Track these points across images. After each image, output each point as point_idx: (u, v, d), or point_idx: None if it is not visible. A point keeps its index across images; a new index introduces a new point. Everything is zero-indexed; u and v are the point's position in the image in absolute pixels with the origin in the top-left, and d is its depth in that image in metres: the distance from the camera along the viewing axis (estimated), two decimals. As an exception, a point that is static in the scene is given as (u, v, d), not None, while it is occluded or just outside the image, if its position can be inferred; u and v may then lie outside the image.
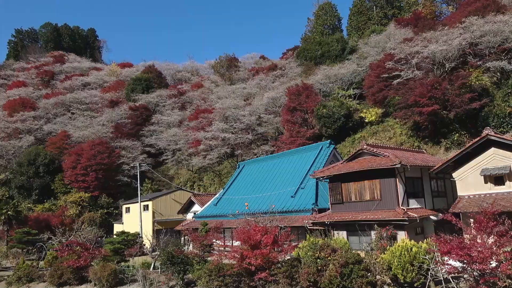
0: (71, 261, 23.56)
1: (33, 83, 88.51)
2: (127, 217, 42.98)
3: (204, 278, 18.64)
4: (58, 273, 23.60)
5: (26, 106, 68.88)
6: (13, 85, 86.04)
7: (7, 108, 69.20)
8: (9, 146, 58.40)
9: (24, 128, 63.19)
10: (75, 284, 23.36)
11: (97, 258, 24.83)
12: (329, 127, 41.19)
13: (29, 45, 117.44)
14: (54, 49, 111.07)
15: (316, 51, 62.88)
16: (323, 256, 16.17)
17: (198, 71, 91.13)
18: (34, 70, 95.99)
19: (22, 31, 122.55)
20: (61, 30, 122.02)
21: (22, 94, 77.34)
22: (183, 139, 54.38)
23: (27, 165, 51.89)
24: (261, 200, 28.03)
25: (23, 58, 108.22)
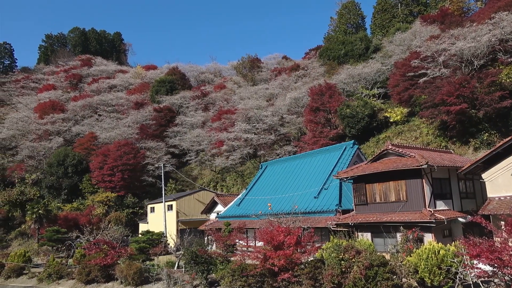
0: (98, 259, 24.08)
1: (62, 86, 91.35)
2: (152, 217, 43.71)
3: (228, 278, 18.73)
4: (86, 271, 24.20)
5: (55, 109, 71.09)
6: (43, 88, 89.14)
7: (38, 111, 71.61)
8: (40, 147, 60.38)
9: (53, 129, 65.21)
10: (102, 282, 23.86)
11: (123, 257, 25.30)
12: (353, 127, 40.67)
13: (58, 50, 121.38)
14: (82, 53, 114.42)
15: (339, 50, 62.24)
16: (347, 257, 15.95)
17: (221, 72, 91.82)
18: (63, 74, 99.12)
19: (52, 36, 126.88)
20: (89, 34, 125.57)
21: (52, 97, 79.98)
22: (206, 139, 54.88)
23: (56, 165, 53.48)
24: (284, 200, 27.94)
25: (53, 62, 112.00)
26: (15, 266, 29.60)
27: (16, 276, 29.11)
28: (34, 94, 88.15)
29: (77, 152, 56.62)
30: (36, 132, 65.18)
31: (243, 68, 78.54)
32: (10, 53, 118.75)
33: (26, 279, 28.22)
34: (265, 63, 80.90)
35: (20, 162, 60.23)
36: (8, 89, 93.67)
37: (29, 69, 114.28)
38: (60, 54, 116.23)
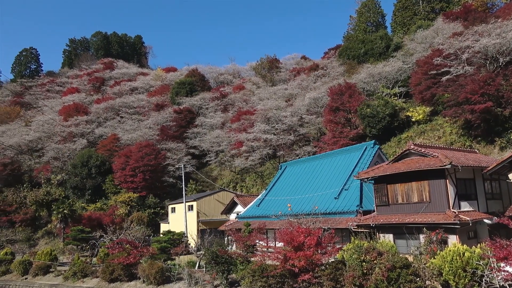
0: (121, 258, 24.52)
1: (85, 89, 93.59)
2: (172, 217, 44.26)
3: (248, 279, 18.78)
4: (110, 269, 24.68)
5: (79, 111, 72.90)
6: (67, 91, 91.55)
7: (62, 113, 73.56)
8: (65, 148, 62.01)
9: (77, 131, 66.87)
10: (125, 281, 24.29)
11: (145, 256, 25.70)
12: (374, 127, 40.14)
13: (81, 54, 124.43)
14: (104, 56, 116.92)
15: (359, 49, 61.54)
16: (369, 259, 15.77)
17: (240, 73, 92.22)
18: (86, 77, 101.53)
19: (75, 40, 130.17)
20: (110, 38, 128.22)
21: (75, 100, 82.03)
22: (225, 140, 55.20)
23: (80, 166, 54.77)
24: (304, 201, 27.83)
25: (76, 66, 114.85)
26: (42, 264, 30.49)
27: (43, 274, 29.98)
28: (58, 97, 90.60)
29: (100, 154, 57.82)
30: (61, 134, 66.93)
31: (262, 69, 78.62)
32: (36, 58, 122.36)
33: (53, 277, 29.02)
34: (283, 64, 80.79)
35: (46, 163, 62.05)
36: (34, 93, 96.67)
37: (54, 73, 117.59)
38: (83, 58, 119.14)
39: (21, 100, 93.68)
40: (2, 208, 55.01)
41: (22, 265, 31.11)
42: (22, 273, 30.90)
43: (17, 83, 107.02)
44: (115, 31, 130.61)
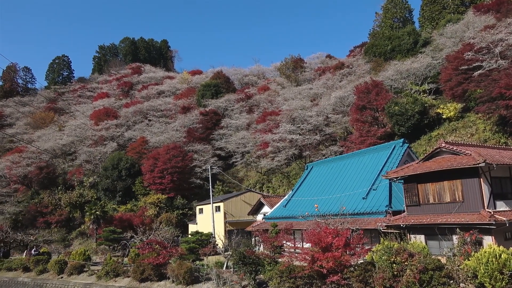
0: (151, 259, 24.96)
1: (115, 94, 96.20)
2: (200, 218, 44.77)
3: (276, 279, 18.72)
4: (140, 269, 25.18)
5: (109, 115, 74.94)
6: (98, 96, 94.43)
7: (93, 118, 75.87)
8: (96, 152, 63.90)
9: (108, 135, 68.72)
10: (155, 280, 24.70)
11: (174, 256, 26.06)
12: (402, 125, 39.23)
13: (110, 59, 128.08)
14: (132, 61, 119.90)
15: (385, 46, 60.35)
16: (399, 260, 15.38)
17: (264, 74, 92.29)
18: (115, 82, 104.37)
19: (104, 47, 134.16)
20: (138, 43, 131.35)
21: (105, 104, 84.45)
22: (251, 141, 55.33)
23: (111, 169, 56.23)
24: (331, 201, 27.51)
25: (106, 72, 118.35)
26: (76, 264, 31.50)
27: (77, 273, 30.96)
28: (89, 102, 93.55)
29: (129, 156, 59.17)
30: (92, 138, 69.00)
31: (286, 69, 78.36)
32: (68, 65, 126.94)
33: (86, 276, 29.92)
34: (308, 63, 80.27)
35: (79, 166, 64.17)
36: (67, 99, 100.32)
37: (85, 79, 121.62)
38: (112, 63, 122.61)
39: (55, 106, 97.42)
40: (39, 209, 57.39)
41: (58, 264, 32.24)
42: (58, 272, 32.01)
43: (50, 89, 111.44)
44: (142, 37, 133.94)
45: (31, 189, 63.47)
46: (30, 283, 32.86)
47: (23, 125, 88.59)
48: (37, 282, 32.33)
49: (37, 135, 77.99)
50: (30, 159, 64.56)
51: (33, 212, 57.18)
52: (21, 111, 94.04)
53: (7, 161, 64.77)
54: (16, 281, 34.27)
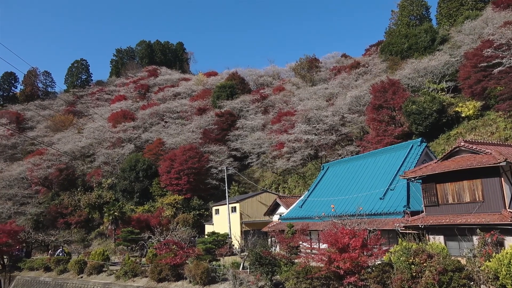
0: (169, 259, 25.23)
1: (132, 96, 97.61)
2: (216, 218, 44.98)
3: (292, 280, 18.68)
4: (158, 269, 25.48)
5: (126, 118, 76.05)
6: (115, 99, 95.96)
7: (111, 120, 77.13)
8: (114, 153, 64.89)
9: (125, 137, 69.73)
10: (173, 280, 24.96)
11: (191, 257, 26.24)
12: (420, 124, 38.62)
13: (127, 62, 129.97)
14: (148, 64, 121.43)
15: (402, 44, 59.53)
16: (418, 262, 15.14)
17: (279, 74, 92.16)
18: (132, 85, 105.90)
19: (121, 50, 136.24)
20: (154, 46, 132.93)
21: (123, 107, 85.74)
22: (266, 142, 55.32)
23: (128, 170, 57.01)
24: (347, 202, 27.28)
25: (123, 74, 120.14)
26: (95, 264, 32.09)
27: (96, 273, 31.53)
28: (107, 105, 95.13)
29: (146, 158, 59.89)
30: (110, 140, 70.12)
31: (301, 69, 78.08)
32: (86, 69, 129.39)
33: (105, 276, 30.45)
34: (323, 63, 79.79)
35: (97, 168, 65.30)
36: (85, 102, 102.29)
37: (103, 82, 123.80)
38: (129, 66, 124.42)
39: (74, 109, 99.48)
40: (59, 210, 58.68)
41: (77, 264, 32.90)
42: (78, 272, 32.67)
43: (69, 93, 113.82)
44: (158, 39, 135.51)
45: (51, 191, 64.91)
46: (51, 282, 33.63)
47: (43, 128, 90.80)
48: (57, 282, 33.07)
49: (57, 137, 79.78)
50: (50, 161, 66.03)
51: (54, 213, 58.50)
52: (42, 114, 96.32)
53: (29, 164, 66.42)
54: (38, 280, 35.13)
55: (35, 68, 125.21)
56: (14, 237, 39.39)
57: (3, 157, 79.25)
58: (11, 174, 66.79)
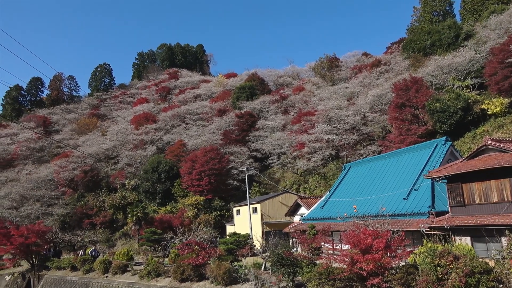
0: (191, 259, 25.43)
1: (153, 99, 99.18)
2: (237, 219, 45.13)
3: (314, 281, 18.54)
4: (180, 270, 25.73)
5: (148, 120, 77.33)
6: (137, 102, 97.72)
7: (134, 123, 78.57)
8: (137, 155, 66.09)
9: (147, 139, 70.92)
10: (195, 281, 25.16)
11: (213, 257, 26.40)
12: (444, 123, 37.70)
13: (148, 66, 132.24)
14: (169, 67, 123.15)
15: (425, 41, 58.32)
16: (444, 263, 14.77)
17: (299, 74, 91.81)
18: (153, 87, 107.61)
19: (143, 53, 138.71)
20: (174, 49, 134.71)
21: (145, 109, 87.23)
22: (287, 142, 55.15)
23: (151, 172, 57.89)
24: (370, 202, 26.88)
25: (145, 78, 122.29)
26: (120, 263, 32.72)
27: (121, 273, 32.13)
28: (130, 108, 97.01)
29: (168, 159, 60.66)
30: (133, 142, 71.43)
31: (321, 69, 77.55)
32: (109, 73, 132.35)
33: (130, 276, 31.00)
34: (344, 62, 79.04)
35: (121, 169, 66.62)
36: (108, 105, 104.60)
37: (125, 85, 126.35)
38: (150, 69, 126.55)
39: (98, 112, 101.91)
40: (85, 211, 60.19)
41: (103, 264, 33.62)
42: (103, 271, 33.38)
43: (93, 96, 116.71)
44: (178, 42, 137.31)
45: (77, 192, 66.62)
46: (78, 281, 34.49)
47: (69, 131, 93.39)
48: (84, 281, 33.89)
49: (81, 140, 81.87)
50: (76, 164, 67.80)
51: (79, 214, 60.05)
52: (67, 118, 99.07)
53: (55, 166, 68.39)
54: (65, 279, 36.10)
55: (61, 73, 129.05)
56: (42, 237, 40.59)
57: (31, 159, 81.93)
58: (39, 176, 68.94)
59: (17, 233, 37.76)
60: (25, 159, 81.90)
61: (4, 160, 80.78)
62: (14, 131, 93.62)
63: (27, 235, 38.03)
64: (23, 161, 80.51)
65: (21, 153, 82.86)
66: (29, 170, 73.23)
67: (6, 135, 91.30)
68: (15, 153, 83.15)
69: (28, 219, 59.24)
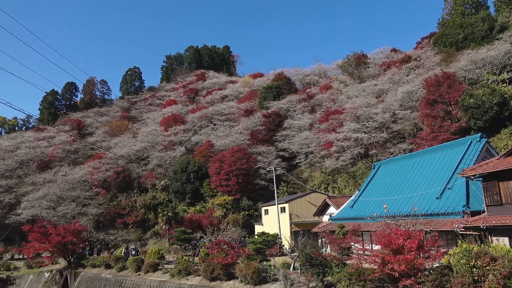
0: (220, 258, 25.67)
1: (182, 101, 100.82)
2: (266, 219, 45.17)
3: (344, 282, 18.30)
4: (210, 269, 26.01)
5: (177, 121, 78.66)
6: (166, 104, 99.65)
7: (163, 124, 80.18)
8: (166, 156, 67.42)
9: (176, 140, 72.15)
10: (225, 280, 25.36)
11: (242, 257, 26.51)
12: (479, 119, 36.31)
13: (176, 68, 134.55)
14: (196, 69, 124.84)
15: (457, 35, 56.40)
16: (480, 265, 14.21)
17: (326, 73, 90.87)
18: (181, 89, 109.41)
19: (171, 56, 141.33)
20: (201, 51, 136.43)
21: (173, 111, 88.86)
22: (314, 141, 54.72)
23: (180, 172, 58.87)
24: (401, 202, 26.25)
25: (173, 80, 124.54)
26: (151, 262, 33.45)
27: (153, 271, 32.84)
28: (159, 110, 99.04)
29: (197, 160, 61.50)
30: (163, 143, 72.90)
31: (348, 66, 76.43)
32: (139, 76, 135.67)
33: (161, 274, 31.63)
34: (372, 58, 77.58)
35: (151, 170, 68.15)
36: (139, 107, 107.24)
37: (154, 88, 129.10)
38: (178, 71, 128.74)
39: (129, 114, 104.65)
40: (117, 211, 61.97)
41: (135, 262, 34.49)
42: (136, 269, 34.24)
43: (124, 99, 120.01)
44: (205, 44, 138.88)
45: (110, 192, 68.68)
46: (112, 279, 35.54)
47: (101, 133, 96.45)
48: (117, 279, 34.88)
49: (114, 142, 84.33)
50: (108, 165, 69.94)
51: (112, 214, 61.88)
52: (100, 120, 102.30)
53: (89, 167, 70.80)
54: (100, 277, 37.29)
55: (93, 78, 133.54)
56: (78, 236, 42.08)
57: (67, 161, 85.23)
58: (74, 177, 71.57)
59: (54, 232, 39.30)
60: (61, 161, 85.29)
61: (42, 162, 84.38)
62: (51, 134, 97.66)
63: (64, 234, 39.51)
64: (59, 163, 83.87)
65: (57, 155, 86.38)
66: (65, 172, 76.14)
67: (44, 138, 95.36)
68: (52, 155, 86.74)
69: (65, 219, 61.62)
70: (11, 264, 51.60)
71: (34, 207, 65.56)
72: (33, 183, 75.56)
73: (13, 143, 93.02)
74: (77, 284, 39.91)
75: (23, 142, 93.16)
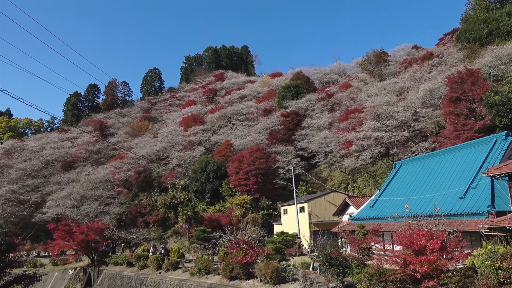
0: (239, 258, 25.76)
1: (201, 101, 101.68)
2: (285, 218, 45.07)
3: (365, 282, 18.08)
4: (229, 268, 26.15)
5: (196, 121, 79.39)
6: (185, 104, 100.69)
7: (182, 124, 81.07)
8: (186, 156, 68.13)
9: (196, 140, 72.82)
10: (244, 279, 25.44)
11: (261, 256, 26.52)
12: (505, 116, 35.22)
13: (195, 69, 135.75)
14: (215, 69, 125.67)
15: (480, 31, 54.90)
16: (506, 267, 13.80)
17: (345, 71, 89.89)
18: (201, 90, 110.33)
19: (190, 57, 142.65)
20: (220, 51, 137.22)
21: (193, 111, 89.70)
22: (334, 141, 54.23)
23: (200, 172, 59.37)
24: (423, 202, 25.73)
25: (192, 80, 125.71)
26: (172, 261, 33.88)
27: (173, 270, 33.26)
28: (179, 110, 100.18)
29: (216, 159, 61.90)
30: (182, 143, 73.71)
31: (368, 64, 75.36)
32: (159, 77, 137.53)
33: (181, 272, 31.99)
34: (392, 56, 76.29)
35: (171, 170, 68.99)
36: (159, 108, 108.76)
37: (174, 89, 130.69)
38: (197, 72, 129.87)
39: (149, 115, 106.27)
40: (139, 210, 63.03)
41: (156, 261, 35.00)
42: (156, 268, 34.74)
43: (145, 100, 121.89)
44: (223, 44, 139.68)
45: (131, 192, 69.92)
46: (133, 277, 36.18)
47: (123, 134, 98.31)
48: (139, 277, 35.48)
49: (135, 142, 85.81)
50: (130, 165, 71.23)
51: (134, 213, 62.97)
52: (121, 121, 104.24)
53: (111, 167, 72.28)
54: (122, 274, 38.01)
55: (115, 79, 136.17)
56: (101, 234, 43.00)
57: (89, 161, 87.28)
58: (96, 177, 73.20)
59: (78, 231, 40.29)
60: (84, 161, 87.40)
61: (66, 162, 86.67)
62: (74, 135, 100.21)
63: (87, 232, 40.46)
64: (83, 163, 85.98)
65: (80, 156, 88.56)
66: (88, 171, 77.99)
67: (67, 139, 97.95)
68: (75, 155, 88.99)
69: (88, 217, 63.08)
70: (38, 261, 53.16)
71: (58, 206, 67.41)
72: (57, 183, 77.69)
73: (38, 144, 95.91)
74: (100, 281, 40.79)
75: (48, 142, 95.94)
